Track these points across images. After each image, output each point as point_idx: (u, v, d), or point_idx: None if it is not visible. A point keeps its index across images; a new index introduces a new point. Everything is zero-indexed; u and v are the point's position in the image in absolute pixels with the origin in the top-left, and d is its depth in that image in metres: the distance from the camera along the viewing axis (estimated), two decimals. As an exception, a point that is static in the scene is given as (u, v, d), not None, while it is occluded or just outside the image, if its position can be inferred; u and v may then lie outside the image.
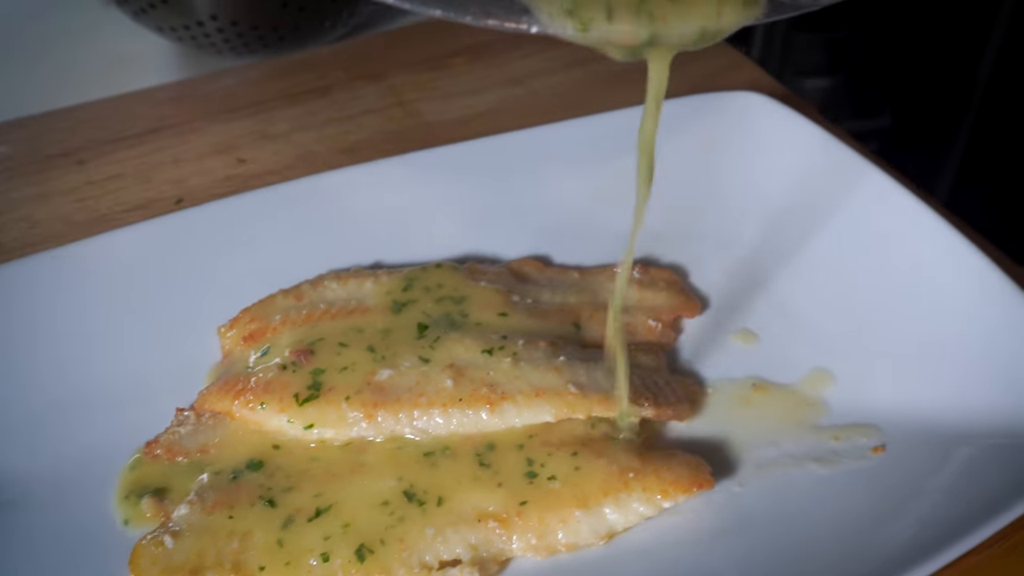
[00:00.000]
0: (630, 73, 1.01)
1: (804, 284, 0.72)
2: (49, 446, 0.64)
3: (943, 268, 0.67)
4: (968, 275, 0.65)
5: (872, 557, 0.53)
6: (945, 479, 0.58)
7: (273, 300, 0.70)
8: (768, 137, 0.79)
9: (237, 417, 0.63)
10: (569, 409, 0.61)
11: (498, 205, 0.78)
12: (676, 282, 0.73)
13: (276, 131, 0.93)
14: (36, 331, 0.68)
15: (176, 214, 0.74)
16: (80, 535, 0.59)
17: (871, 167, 0.73)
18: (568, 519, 0.57)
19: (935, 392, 0.63)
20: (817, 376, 0.67)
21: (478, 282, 0.70)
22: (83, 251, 0.70)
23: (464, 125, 0.93)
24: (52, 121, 0.95)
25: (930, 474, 0.59)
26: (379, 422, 0.61)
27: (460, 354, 0.63)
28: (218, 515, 0.58)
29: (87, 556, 0.58)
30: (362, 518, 0.58)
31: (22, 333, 0.67)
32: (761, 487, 0.60)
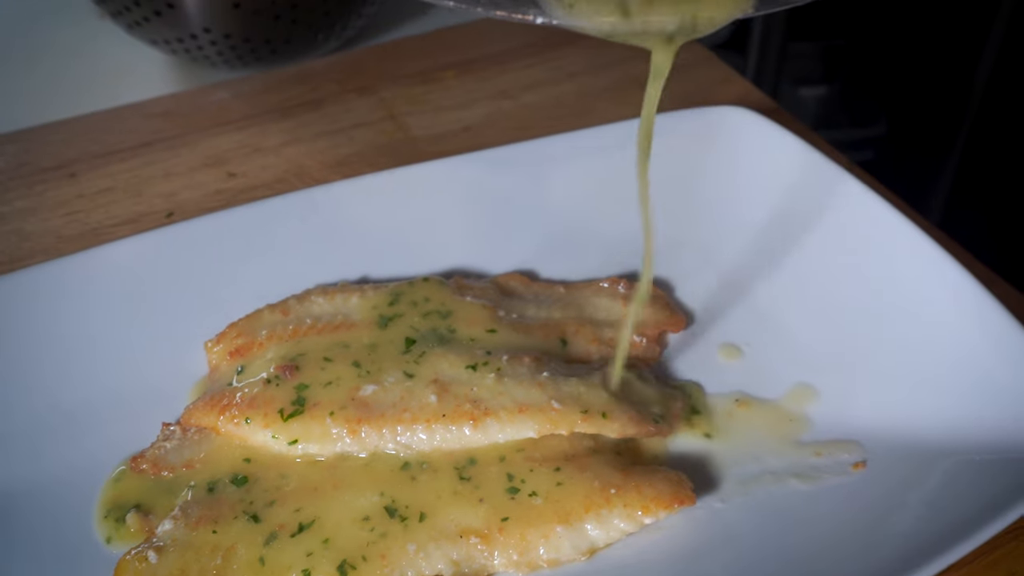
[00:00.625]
0: (618, 87, 1.02)
1: (788, 299, 0.73)
2: (31, 460, 0.64)
3: (925, 283, 0.67)
4: (951, 291, 0.65)
5: (853, 573, 0.53)
6: (926, 495, 0.58)
7: (260, 315, 0.70)
8: (753, 152, 0.79)
9: (222, 432, 0.64)
10: (552, 425, 0.61)
11: (485, 220, 0.79)
12: (661, 297, 0.74)
13: (267, 145, 0.94)
14: (21, 344, 0.68)
15: (165, 228, 0.74)
16: (61, 550, 0.60)
17: (856, 182, 0.73)
18: (550, 535, 0.57)
19: (916, 408, 0.63)
20: (800, 391, 0.67)
21: (464, 297, 0.70)
22: (71, 265, 0.70)
23: (454, 138, 0.94)
24: (45, 134, 0.95)
25: (911, 490, 0.59)
26: (363, 438, 0.62)
27: (444, 370, 0.64)
28: (202, 530, 0.58)
29: (67, 571, 0.58)
30: (344, 534, 0.58)
31: (7, 347, 0.67)
32: (743, 503, 0.61)
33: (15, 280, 0.69)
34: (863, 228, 0.72)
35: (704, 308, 0.74)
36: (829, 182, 0.75)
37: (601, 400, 0.62)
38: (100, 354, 0.70)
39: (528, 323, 0.70)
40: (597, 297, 0.73)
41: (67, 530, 0.61)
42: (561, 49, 1.07)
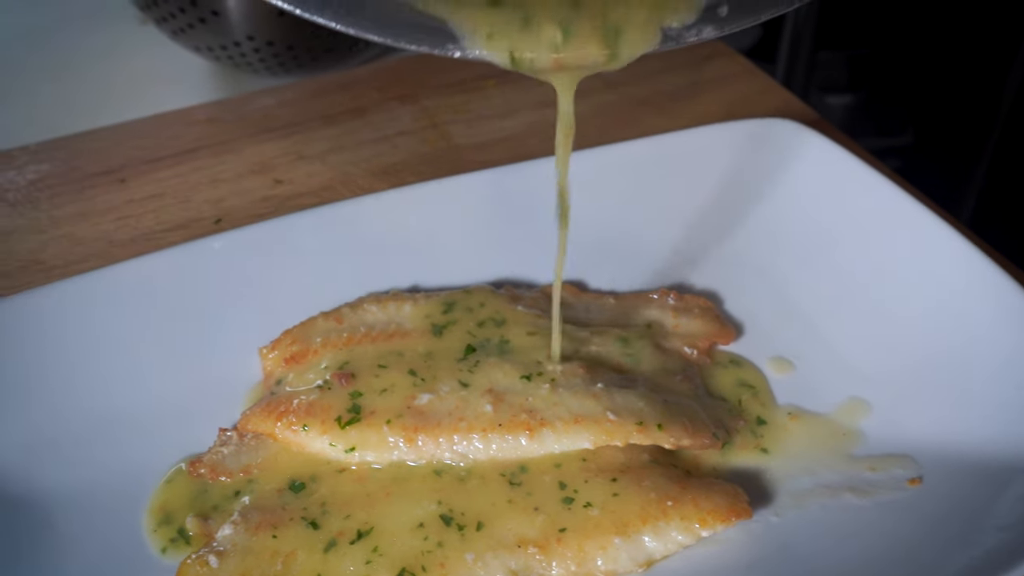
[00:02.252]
0: (659, 98, 1.03)
1: (838, 312, 0.73)
2: (86, 464, 0.65)
3: (979, 299, 0.67)
4: (1005, 308, 0.65)
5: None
6: (982, 511, 0.58)
7: (314, 322, 0.71)
8: (800, 164, 0.80)
9: (279, 438, 0.64)
10: (608, 436, 0.62)
11: (532, 230, 0.79)
12: (711, 309, 0.74)
13: (312, 152, 0.95)
14: (77, 350, 0.69)
15: (217, 236, 0.75)
16: (114, 552, 0.61)
17: (904, 196, 0.74)
18: (607, 546, 0.58)
19: (971, 423, 0.63)
20: (852, 405, 0.67)
21: (516, 306, 0.71)
22: (127, 271, 0.71)
23: (496, 147, 0.94)
24: (92, 140, 0.97)
25: (967, 506, 0.59)
26: (419, 446, 0.62)
27: (499, 379, 0.64)
28: (262, 536, 0.59)
29: (121, 569, 0.59)
30: (402, 542, 0.58)
31: (63, 352, 0.68)
32: (798, 517, 0.61)
33: (72, 285, 0.70)
34: (912, 241, 0.72)
35: (754, 321, 0.75)
36: (877, 195, 0.75)
37: (656, 411, 0.63)
38: (154, 360, 0.70)
39: (581, 329, 0.70)
40: (647, 308, 0.73)
41: (119, 533, 0.62)
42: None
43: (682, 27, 0.52)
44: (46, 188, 0.91)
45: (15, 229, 0.86)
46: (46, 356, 0.67)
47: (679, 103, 1.01)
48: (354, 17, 0.50)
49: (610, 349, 0.69)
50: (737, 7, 0.52)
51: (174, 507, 0.63)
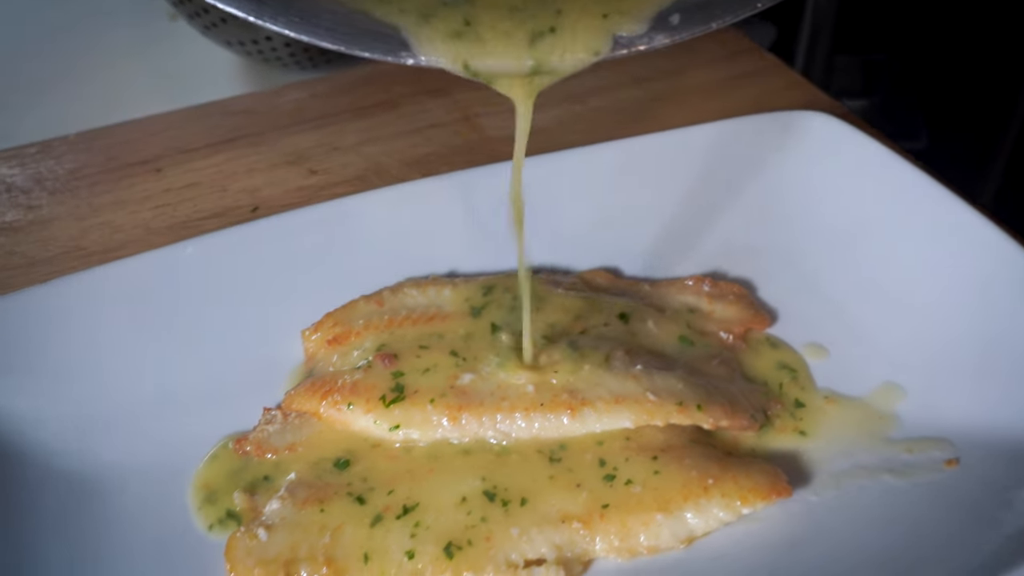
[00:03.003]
0: (683, 93, 1.04)
1: (870, 299, 0.74)
2: (132, 443, 0.66)
3: (1009, 284, 0.68)
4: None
5: (951, 569, 0.54)
6: (1020, 492, 0.59)
7: (355, 305, 0.72)
8: (831, 155, 0.80)
9: (324, 417, 0.65)
10: (648, 416, 0.63)
11: (565, 218, 0.80)
12: (745, 295, 0.75)
13: (346, 143, 0.96)
14: (128, 333, 0.70)
15: (258, 222, 0.76)
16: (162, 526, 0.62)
17: (934, 184, 0.74)
18: (650, 523, 0.59)
19: (1006, 406, 0.64)
20: (887, 390, 0.68)
21: (555, 289, 0.72)
22: (174, 255, 0.72)
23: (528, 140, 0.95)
24: (129, 131, 0.98)
25: (1004, 487, 0.60)
26: (462, 424, 0.63)
27: (539, 359, 0.65)
28: (309, 510, 0.60)
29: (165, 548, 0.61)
30: (448, 517, 0.59)
31: (116, 335, 0.70)
32: (836, 497, 0.62)
33: (121, 268, 0.71)
34: (942, 229, 0.73)
35: (787, 308, 0.75)
36: (907, 184, 0.76)
37: (696, 393, 0.64)
38: (199, 343, 0.72)
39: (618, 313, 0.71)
40: (682, 295, 0.74)
41: (166, 508, 0.63)
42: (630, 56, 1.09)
43: (633, 35, 0.53)
44: (85, 177, 0.92)
45: (55, 217, 0.88)
46: (97, 338, 0.69)
47: (703, 99, 1.02)
48: (309, 24, 0.50)
49: (648, 332, 0.70)
50: (688, 16, 0.53)
51: (218, 483, 0.64)
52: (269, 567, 0.58)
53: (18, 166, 0.93)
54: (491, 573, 0.57)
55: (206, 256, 0.74)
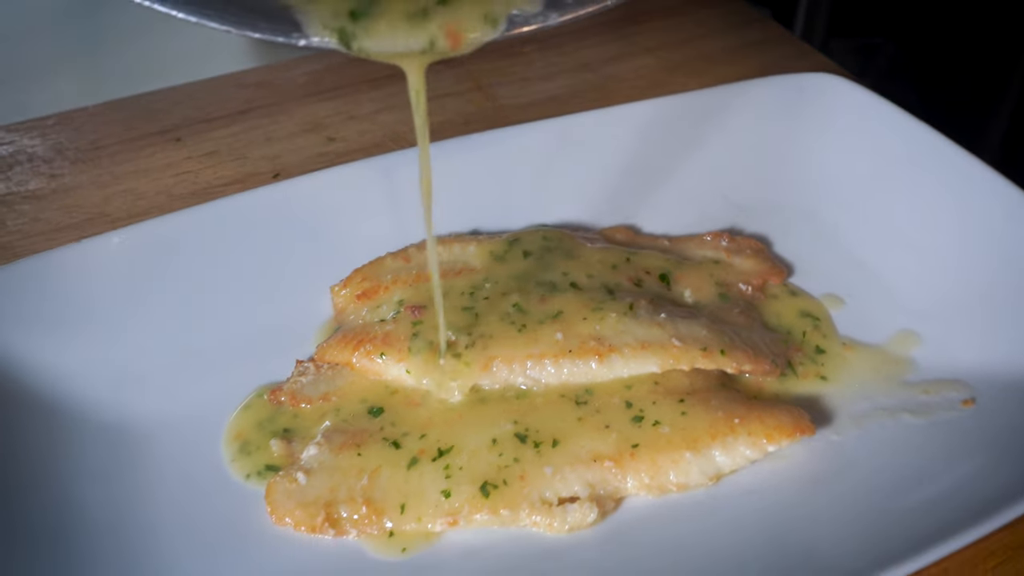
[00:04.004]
0: (694, 60, 1.05)
1: (884, 251, 0.76)
2: (174, 395, 0.68)
3: (1016, 230, 0.70)
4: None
5: (971, 493, 0.56)
6: (1036, 428, 0.61)
7: (382, 262, 0.74)
8: (843, 114, 0.82)
9: (356, 367, 0.67)
10: (674, 361, 0.64)
11: (585, 178, 0.82)
12: (762, 249, 0.77)
13: (362, 112, 0.97)
14: (157, 292, 0.71)
15: (285, 183, 0.78)
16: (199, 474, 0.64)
17: (941, 138, 0.76)
18: (679, 461, 0.60)
19: (1019, 347, 0.66)
20: (903, 336, 0.70)
21: (578, 241, 0.73)
22: (201, 215, 0.74)
23: (541, 107, 0.97)
24: (148, 102, 0.99)
25: (1018, 422, 0.61)
26: (493, 371, 0.65)
27: (567, 309, 0.67)
28: (346, 455, 0.62)
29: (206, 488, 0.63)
30: (482, 459, 0.61)
31: (150, 292, 0.71)
32: (858, 436, 0.64)
33: (151, 227, 0.72)
34: (949, 180, 0.75)
35: (803, 262, 0.77)
36: (916, 140, 0.78)
37: (719, 339, 0.65)
38: (230, 300, 0.73)
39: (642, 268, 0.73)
40: (701, 249, 0.76)
41: (203, 457, 0.65)
42: (636, 26, 1.10)
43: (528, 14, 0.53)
44: (105, 147, 0.93)
45: (78, 185, 0.89)
46: (132, 296, 0.70)
47: (715, 67, 1.03)
48: (197, 5, 0.49)
49: (670, 285, 0.72)
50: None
51: (250, 431, 0.65)
52: (309, 508, 0.59)
53: (39, 136, 0.94)
54: (526, 510, 0.59)
55: (236, 216, 0.75)
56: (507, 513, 0.59)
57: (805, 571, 0.54)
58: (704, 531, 0.59)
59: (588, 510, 0.59)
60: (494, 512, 0.59)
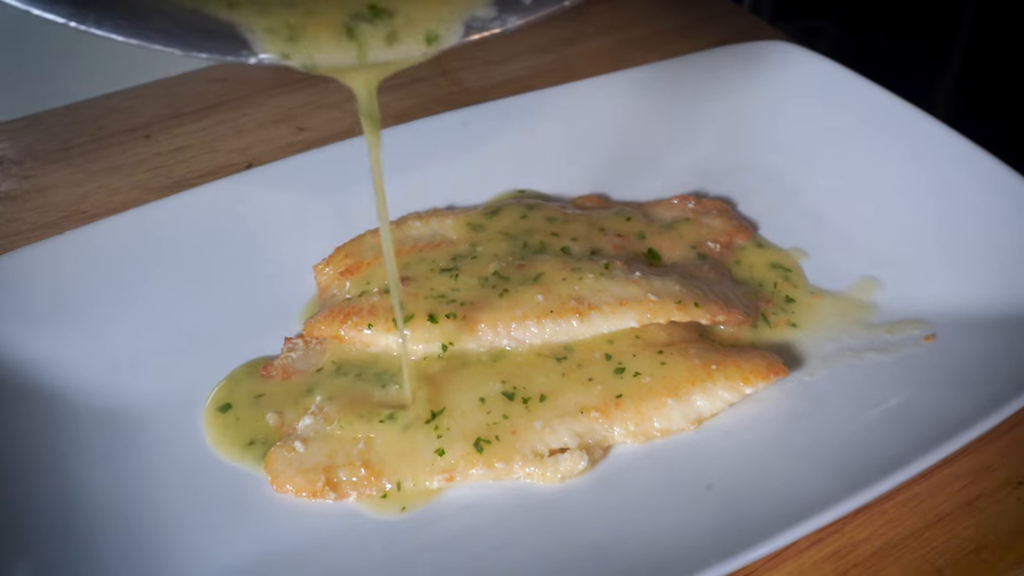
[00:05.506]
0: (651, 38, 1.09)
1: (843, 205, 0.79)
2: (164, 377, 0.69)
3: (966, 178, 0.74)
4: (990, 182, 0.73)
5: (935, 419, 0.60)
6: (989, 356, 0.65)
7: (363, 239, 0.75)
8: (796, 78, 0.86)
9: (345, 340, 0.69)
10: (651, 315, 0.67)
11: (556, 151, 0.84)
12: (727, 209, 0.80)
13: (330, 101, 0.99)
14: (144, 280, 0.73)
15: (261, 168, 0.79)
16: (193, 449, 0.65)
17: (890, 96, 0.80)
18: (662, 408, 0.63)
19: (971, 286, 0.70)
20: (865, 283, 0.74)
21: (549, 207, 0.76)
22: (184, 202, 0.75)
23: (506, 87, 1.00)
24: (117, 101, 1.00)
25: (978, 354, 0.65)
26: (478, 335, 0.67)
27: (547, 271, 0.69)
28: (341, 422, 0.63)
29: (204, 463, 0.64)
30: (474, 418, 0.63)
31: (133, 282, 0.72)
32: (829, 375, 0.67)
33: (133, 217, 0.74)
34: (902, 135, 0.79)
35: (767, 220, 0.81)
36: (867, 99, 0.82)
37: (692, 292, 0.68)
38: (212, 285, 0.74)
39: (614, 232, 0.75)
40: (669, 212, 0.79)
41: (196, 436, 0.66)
42: (593, 7, 1.13)
43: (486, 19, 0.51)
44: (77, 147, 0.94)
45: (52, 185, 0.89)
46: (120, 285, 0.72)
47: (671, 42, 1.07)
48: (137, 28, 0.46)
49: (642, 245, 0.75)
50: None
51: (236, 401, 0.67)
52: (308, 474, 0.61)
53: (8, 140, 0.95)
54: (519, 462, 0.61)
55: (216, 204, 0.76)
56: (501, 466, 0.61)
57: (786, 500, 0.57)
58: (688, 471, 0.61)
59: (578, 459, 0.61)
60: (489, 466, 0.61)
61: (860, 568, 0.58)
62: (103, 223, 0.73)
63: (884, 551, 0.59)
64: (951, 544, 0.59)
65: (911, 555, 0.59)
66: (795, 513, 0.54)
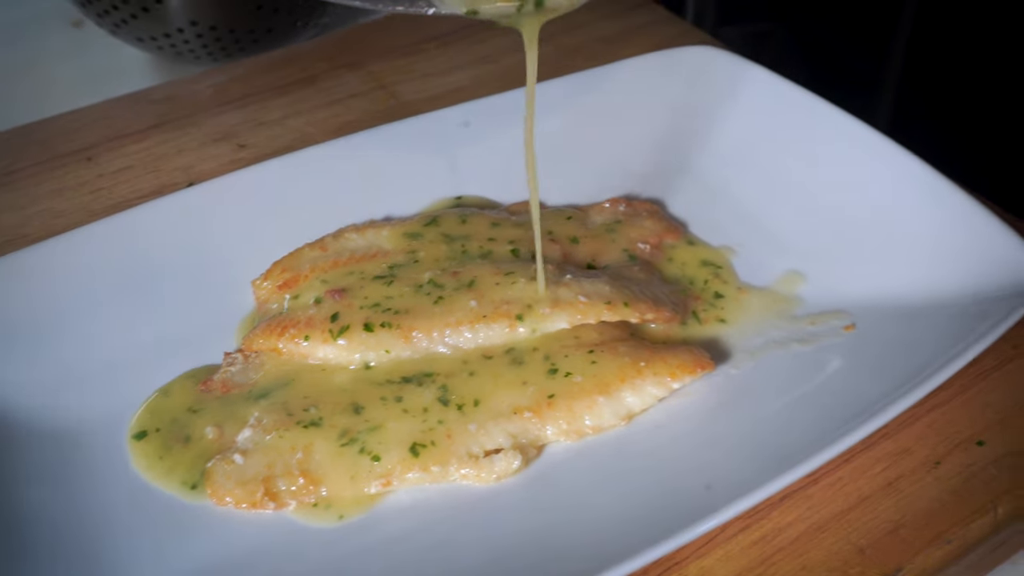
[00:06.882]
0: (589, 46, 1.11)
1: (769, 203, 0.82)
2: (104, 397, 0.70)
3: (886, 175, 0.77)
4: (906, 177, 0.76)
5: (855, 404, 0.62)
6: (907, 345, 0.67)
7: (300, 252, 0.77)
8: (718, 81, 0.89)
9: (283, 352, 0.70)
10: (582, 316, 0.69)
11: (488, 160, 0.86)
12: (657, 211, 0.82)
13: (271, 118, 1.00)
14: (84, 299, 0.74)
15: (198, 187, 0.81)
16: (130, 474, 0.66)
17: (810, 95, 0.83)
18: (593, 406, 0.65)
19: (890, 278, 0.73)
20: (790, 277, 0.76)
21: (483, 215, 0.78)
22: (121, 223, 0.76)
23: (446, 99, 1.01)
24: (54, 125, 1.00)
25: (895, 341, 0.68)
26: (414, 343, 0.69)
27: (480, 278, 0.71)
28: (279, 434, 0.65)
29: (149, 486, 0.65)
30: (410, 425, 0.65)
31: (72, 301, 0.73)
32: (753, 367, 0.70)
33: (70, 240, 0.74)
34: (824, 134, 0.82)
35: (696, 219, 0.83)
36: (791, 101, 0.85)
37: (622, 293, 0.71)
38: (152, 304, 0.75)
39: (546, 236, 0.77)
40: (601, 216, 0.81)
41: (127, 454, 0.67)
42: (530, 18, 1.15)
43: None
44: (20, 171, 0.94)
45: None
46: (60, 305, 0.72)
47: (610, 49, 1.09)
48: None
49: (575, 248, 0.77)
50: None
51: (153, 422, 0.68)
52: (248, 486, 0.62)
53: (-52, 166, 0.95)
54: (455, 465, 0.63)
55: (153, 222, 0.77)
56: (437, 469, 0.63)
57: (714, 487, 0.59)
58: (620, 466, 0.64)
59: (512, 458, 0.63)
60: (425, 469, 0.63)
61: (785, 552, 0.60)
62: (41, 246, 0.74)
63: (808, 534, 0.61)
64: (872, 524, 0.61)
65: (833, 537, 0.61)
66: (721, 499, 0.56)
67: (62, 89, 1.16)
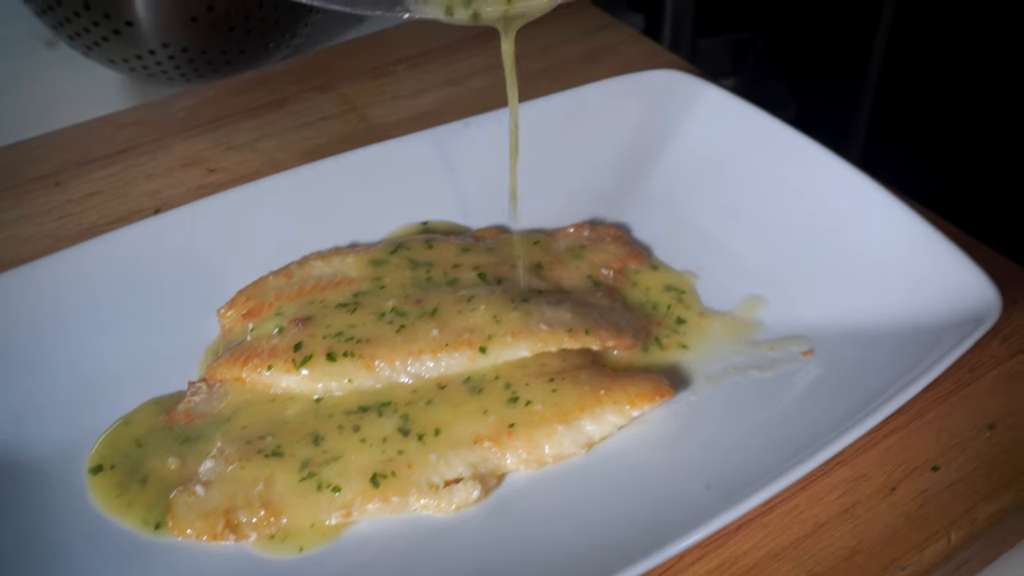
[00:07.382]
0: (554, 69, 1.12)
1: (732, 229, 0.83)
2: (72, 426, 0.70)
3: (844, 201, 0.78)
4: (866, 203, 0.76)
5: (812, 431, 0.63)
6: (863, 371, 0.68)
7: (265, 281, 0.77)
8: (681, 104, 0.89)
9: (247, 382, 0.70)
10: (542, 344, 0.70)
11: (454, 186, 0.87)
12: (621, 236, 0.83)
13: (240, 142, 1.01)
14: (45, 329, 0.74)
15: (162, 216, 0.81)
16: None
17: (774, 121, 0.84)
18: (552, 434, 0.66)
19: (848, 304, 0.74)
20: (751, 302, 0.77)
21: (448, 242, 0.78)
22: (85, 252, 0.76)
23: (415, 123, 1.02)
24: (22, 150, 1.00)
25: (851, 368, 0.69)
26: (376, 372, 0.69)
27: (442, 306, 0.72)
28: (241, 465, 0.65)
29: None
30: (370, 456, 0.65)
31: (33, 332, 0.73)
32: (713, 394, 0.70)
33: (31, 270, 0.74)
34: (786, 160, 0.82)
35: (660, 244, 0.84)
36: (754, 126, 0.86)
37: (583, 320, 0.71)
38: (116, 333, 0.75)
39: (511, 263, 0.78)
40: (565, 241, 0.82)
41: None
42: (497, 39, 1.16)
43: None
44: (-15, 197, 0.94)
45: (-42, 236, 0.90)
46: (19, 334, 0.72)
47: (575, 71, 1.10)
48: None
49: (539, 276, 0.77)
50: None
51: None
52: (209, 518, 0.63)
53: (-85, 193, 0.95)
54: (415, 495, 0.63)
55: (118, 250, 0.77)
56: (397, 500, 0.63)
57: (669, 514, 0.60)
58: (579, 494, 0.64)
59: (471, 488, 0.64)
60: (385, 500, 0.63)
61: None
62: (6, 275, 0.74)
63: (764, 561, 0.62)
64: (828, 551, 0.62)
65: (789, 564, 0.61)
66: (677, 528, 0.57)
67: (37, 109, 1.16)
